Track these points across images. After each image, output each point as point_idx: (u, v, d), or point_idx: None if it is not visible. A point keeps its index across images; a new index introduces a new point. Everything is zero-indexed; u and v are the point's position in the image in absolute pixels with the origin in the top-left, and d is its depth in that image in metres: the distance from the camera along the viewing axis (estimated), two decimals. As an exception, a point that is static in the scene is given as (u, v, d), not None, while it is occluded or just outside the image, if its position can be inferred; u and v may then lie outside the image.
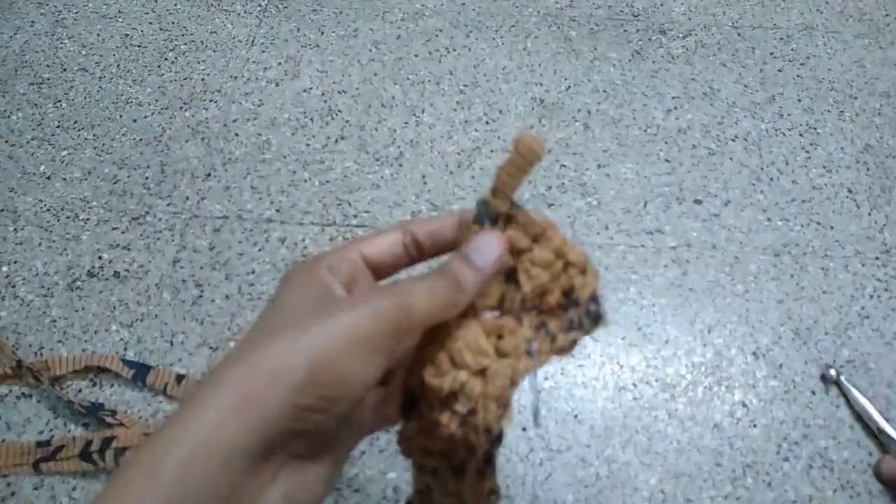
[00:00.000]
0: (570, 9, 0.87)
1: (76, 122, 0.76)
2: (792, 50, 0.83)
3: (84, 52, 0.83)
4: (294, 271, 0.23)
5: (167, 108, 0.77)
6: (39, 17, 0.87)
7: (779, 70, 0.81)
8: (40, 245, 0.66)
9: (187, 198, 0.69)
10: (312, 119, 0.76)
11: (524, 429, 0.54)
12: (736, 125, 0.76)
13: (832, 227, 0.67)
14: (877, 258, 0.65)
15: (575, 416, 0.55)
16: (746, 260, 0.65)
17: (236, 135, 0.75)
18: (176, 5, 0.88)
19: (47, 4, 0.88)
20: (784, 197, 0.70)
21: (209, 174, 0.71)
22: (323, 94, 0.78)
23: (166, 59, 0.82)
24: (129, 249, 0.66)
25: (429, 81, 0.79)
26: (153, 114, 0.77)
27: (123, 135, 0.75)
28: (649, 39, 0.84)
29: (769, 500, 0.52)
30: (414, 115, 0.76)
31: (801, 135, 0.75)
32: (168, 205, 0.69)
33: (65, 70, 0.81)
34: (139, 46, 0.83)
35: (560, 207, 0.68)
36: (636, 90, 0.79)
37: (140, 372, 0.57)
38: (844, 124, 0.76)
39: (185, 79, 0.80)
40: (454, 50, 0.83)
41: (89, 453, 0.52)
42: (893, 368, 0.58)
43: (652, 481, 0.52)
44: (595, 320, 0.24)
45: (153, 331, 0.60)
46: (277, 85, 0.79)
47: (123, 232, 0.67)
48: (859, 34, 0.85)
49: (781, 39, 0.84)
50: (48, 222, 0.68)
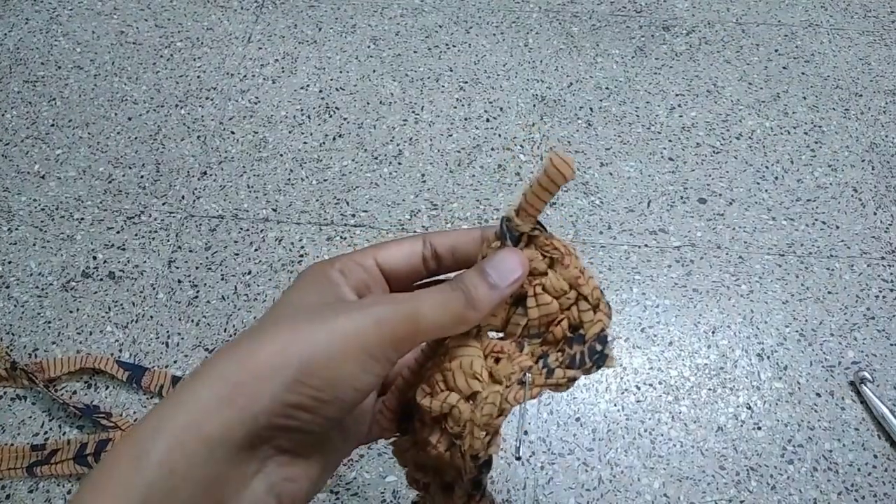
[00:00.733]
0: (572, 4, 0.86)
1: (71, 121, 0.75)
2: (796, 47, 0.82)
3: (79, 50, 0.82)
4: (306, 271, 0.23)
5: (162, 106, 0.76)
6: (34, 15, 0.86)
7: (783, 67, 0.80)
8: (34, 245, 0.65)
9: (183, 197, 0.68)
10: (310, 117, 0.75)
11: (526, 432, 0.53)
12: (740, 123, 0.75)
13: (837, 227, 0.66)
14: (882, 258, 0.64)
15: (577, 419, 0.54)
16: (751, 260, 0.64)
17: (232, 133, 0.74)
18: (171, 2, 0.87)
19: (42, 1, 0.87)
20: (789, 196, 0.69)
21: (205, 173, 0.70)
22: (320, 92, 0.77)
23: (161, 57, 0.81)
24: (124, 249, 0.65)
25: (428, 78, 0.78)
26: (148, 112, 0.76)
27: (118, 133, 0.74)
28: (652, 36, 0.83)
29: (773, 503, 0.51)
30: (413, 113, 0.75)
31: (806, 133, 0.74)
32: (163, 204, 0.68)
33: (59, 68, 0.80)
34: (134, 44, 0.82)
35: (562, 206, 0.67)
36: (639, 87, 0.78)
37: (135, 374, 0.56)
38: (849, 122, 0.75)
39: (181, 76, 0.79)
40: (454, 46, 0.82)
41: (84, 456, 0.52)
42: (900, 370, 0.57)
43: (655, 485, 0.52)
44: (598, 362, 0.22)
45: (148, 332, 0.59)
46: (274, 82, 0.78)
47: (118, 232, 0.66)
48: (864, 31, 0.84)
49: (786, 36, 0.83)
50: (42, 222, 0.67)
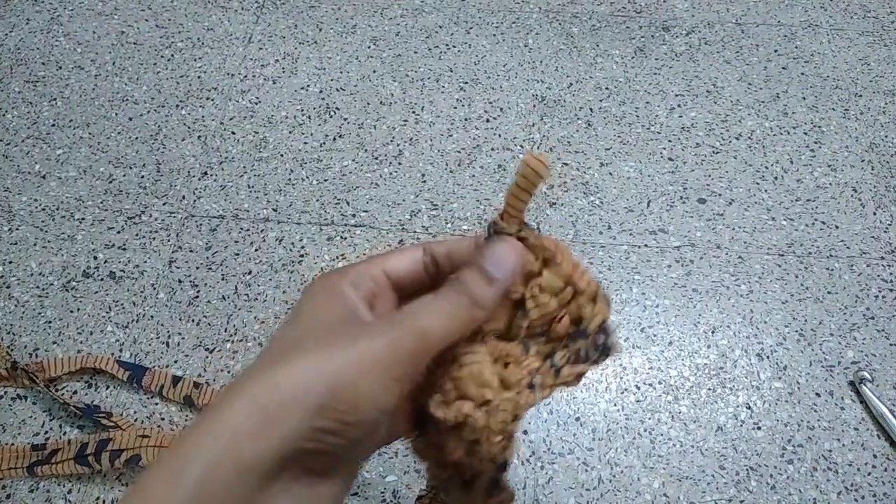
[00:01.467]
0: (572, 5, 0.86)
1: (71, 121, 0.75)
2: (796, 47, 0.82)
3: (79, 50, 0.82)
4: (317, 284, 0.23)
5: (163, 106, 0.76)
6: (35, 15, 0.86)
7: (783, 68, 0.80)
8: (35, 245, 0.65)
9: (183, 197, 0.68)
10: (310, 117, 0.75)
11: (525, 431, 0.53)
12: (740, 123, 0.75)
13: (837, 227, 0.66)
14: (882, 258, 0.64)
15: (577, 419, 0.54)
16: (751, 260, 0.64)
17: (233, 133, 0.74)
18: (172, 2, 0.87)
19: (43, 2, 0.87)
20: (788, 196, 0.69)
21: (205, 173, 0.70)
22: (321, 92, 0.77)
23: (162, 57, 0.81)
24: (125, 249, 0.65)
25: (428, 79, 0.79)
26: (149, 112, 0.76)
27: (119, 133, 0.74)
28: (652, 36, 0.83)
29: (773, 503, 0.51)
30: (413, 113, 0.75)
31: (806, 133, 0.74)
32: (164, 204, 0.68)
33: (60, 68, 0.80)
34: (135, 44, 0.82)
35: (562, 207, 0.67)
36: (639, 88, 0.78)
37: (136, 373, 0.56)
38: (849, 122, 0.75)
39: (182, 76, 0.79)
40: (454, 46, 0.82)
41: (85, 456, 0.52)
42: (899, 370, 0.57)
43: (655, 485, 0.52)
44: (604, 353, 0.23)
45: (149, 332, 0.59)
46: (275, 82, 0.78)
47: (119, 232, 0.66)
48: (864, 31, 0.84)
49: (785, 37, 0.83)
50: (43, 222, 0.67)
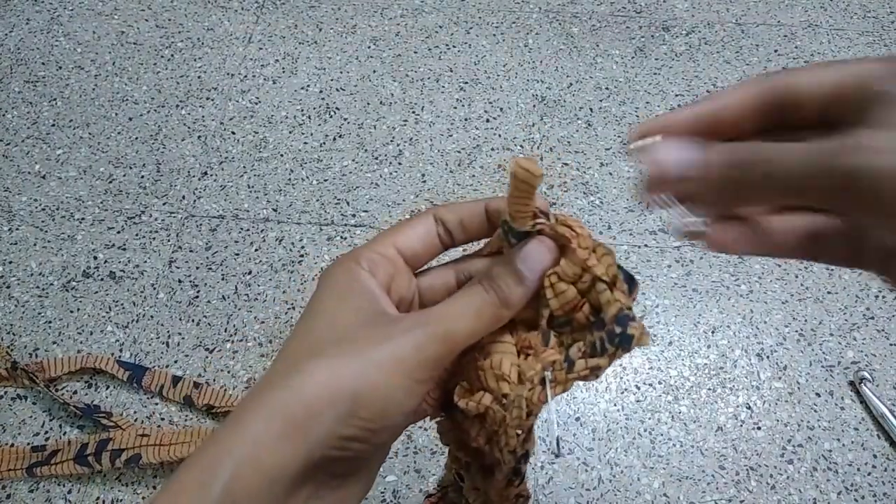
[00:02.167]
0: (572, 5, 0.86)
1: (71, 121, 0.75)
2: (796, 48, 0.82)
3: (80, 50, 0.82)
4: (334, 272, 0.23)
5: (163, 106, 0.76)
6: (35, 15, 0.86)
7: (783, 68, 0.80)
8: (35, 245, 0.65)
9: (183, 197, 0.68)
10: (310, 117, 0.75)
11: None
12: (739, 123, 0.75)
13: (837, 227, 0.66)
14: (882, 258, 0.64)
15: (577, 419, 0.54)
16: (750, 260, 0.64)
17: (233, 133, 0.74)
18: (172, 2, 0.87)
19: (43, 2, 0.87)
20: (788, 196, 0.69)
21: (205, 173, 0.70)
22: (321, 92, 0.77)
23: (162, 57, 0.81)
24: (125, 249, 0.65)
25: (428, 79, 0.79)
26: (149, 112, 0.76)
27: (119, 133, 0.74)
28: (652, 36, 0.83)
29: (773, 503, 0.51)
30: (413, 113, 0.75)
31: (806, 133, 0.74)
32: (164, 204, 0.68)
33: (60, 68, 0.80)
34: (135, 44, 0.83)
35: (562, 206, 0.67)
36: (639, 87, 0.78)
37: (136, 373, 0.56)
38: (849, 122, 0.75)
39: (182, 76, 0.79)
40: (454, 46, 0.82)
41: (85, 456, 0.52)
42: (899, 370, 0.57)
43: (655, 485, 0.52)
44: (622, 344, 0.20)
45: (149, 332, 0.59)
46: (275, 82, 0.78)
47: (119, 232, 0.66)
48: (863, 32, 0.84)
49: (785, 37, 0.83)
50: (43, 222, 0.67)
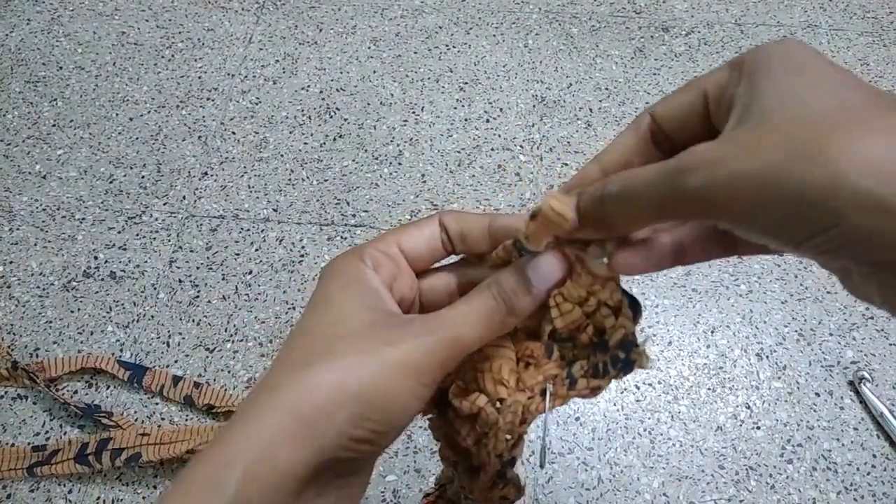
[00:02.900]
0: (572, 5, 0.87)
1: (72, 121, 0.75)
2: (795, 47, 0.82)
3: (80, 50, 0.82)
4: (337, 267, 0.23)
5: (164, 107, 0.76)
6: (35, 15, 0.86)
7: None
8: (35, 245, 0.65)
9: (184, 197, 0.69)
10: (310, 117, 0.75)
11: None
12: (739, 123, 0.75)
13: (836, 227, 0.67)
14: (881, 258, 0.64)
15: (577, 419, 0.54)
16: (750, 260, 0.64)
17: (233, 133, 0.74)
18: (173, 3, 0.87)
19: (44, 2, 0.87)
20: (787, 196, 0.69)
21: (206, 173, 0.71)
22: (321, 92, 0.77)
23: (163, 57, 0.81)
24: (125, 249, 0.65)
25: (428, 79, 0.79)
26: (149, 112, 0.76)
27: (119, 133, 0.74)
28: (651, 37, 0.83)
29: (772, 503, 0.51)
30: (413, 113, 0.75)
31: (805, 133, 0.74)
32: (164, 204, 0.68)
33: (61, 68, 0.80)
34: (135, 44, 0.83)
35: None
36: (638, 88, 0.78)
37: (136, 373, 0.56)
38: (848, 122, 0.75)
39: (182, 77, 0.79)
40: (454, 47, 0.82)
41: (85, 456, 0.52)
42: (899, 370, 0.57)
43: (654, 484, 0.52)
44: (623, 369, 0.21)
45: (149, 332, 0.59)
46: (275, 83, 0.78)
47: (119, 232, 0.66)
48: (863, 32, 0.84)
49: (785, 37, 0.83)
50: (43, 222, 0.67)
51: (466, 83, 0.78)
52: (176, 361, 0.58)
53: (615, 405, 0.55)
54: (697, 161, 0.16)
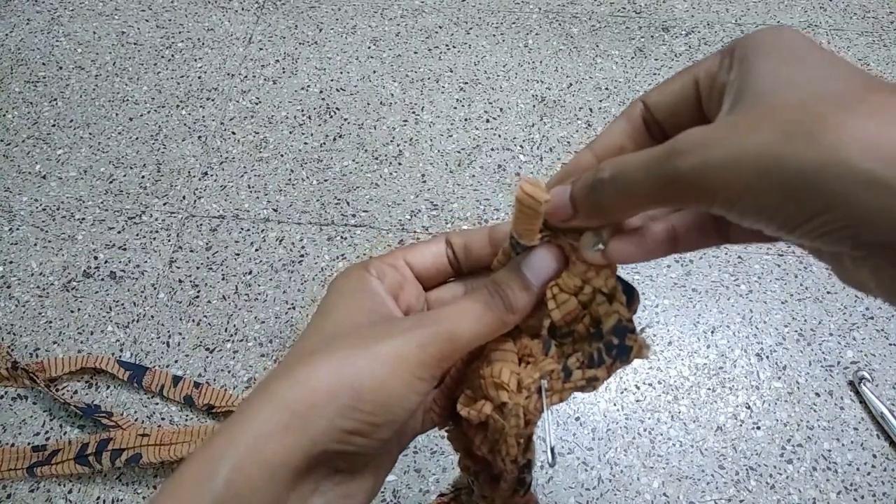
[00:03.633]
0: (572, 5, 0.87)
1: (72, 121, 0.75)
2: (795, 47, 0.82)
3: (80, 50, 0.82)
4: (344, 277, 0.23)
5: (163, 107, 0.76)
6: (35, 15, 0.86)
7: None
8: (35, 245, 0.65)
9: (184, 197, 0.69)
10: (310, 117, 0.75)
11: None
12: (739, 123, 0.75)
13: (836, 227, 0.67)
14: (881, 258, 0.64)
15: (577, 419, 0.54)
16: (750, 260, 0.64)
17: (233, 133, 0.74)
18: (173, 3, 0.87)
19: (43, 2, 0.87)
20: (787, 196, 0.69)
21: (206, 173, 0.71)
22: (321, 92, 0.77)
23: (163, 57, 0.81)
24: (125, 249, 0.65)
25: (428, 79, 0.79)
26: (149, 112, 0.76)
27: (119, 133, 0.74)
28: (652, 37, 0.83)
29: (772, 503, 0.51)
30: (413, 113, 0.75)
31: (805, 133, 0.74)
32: (164, 204, 0.68)
33: (60, 68, 0.80)
34: (135, 44, 0.83)
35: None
36: (639, 88, 0.78)
37: (136, 373, 0.56)
38: (848, 122, 0.75)
39: (182, 77, 0.79)
40: (454, 47, 0.82)
41: (85, 456, 0.52)
42: (899, 370, 0.57)
43: (654, 484, 0.52)
44: (620, 356, 0.21)
45: (149, 332, 0.59)
46: (275, 83, 0.78)
47: (119, 232, 0.66)
48: (863, 32, 0.84)
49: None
50: (43, 222, 0.67)
51: (466, 83, 0.78)
52: (176, 361, 0.58)
53: (615, 405, 0.55)
54: (691, 143, 0.16)
